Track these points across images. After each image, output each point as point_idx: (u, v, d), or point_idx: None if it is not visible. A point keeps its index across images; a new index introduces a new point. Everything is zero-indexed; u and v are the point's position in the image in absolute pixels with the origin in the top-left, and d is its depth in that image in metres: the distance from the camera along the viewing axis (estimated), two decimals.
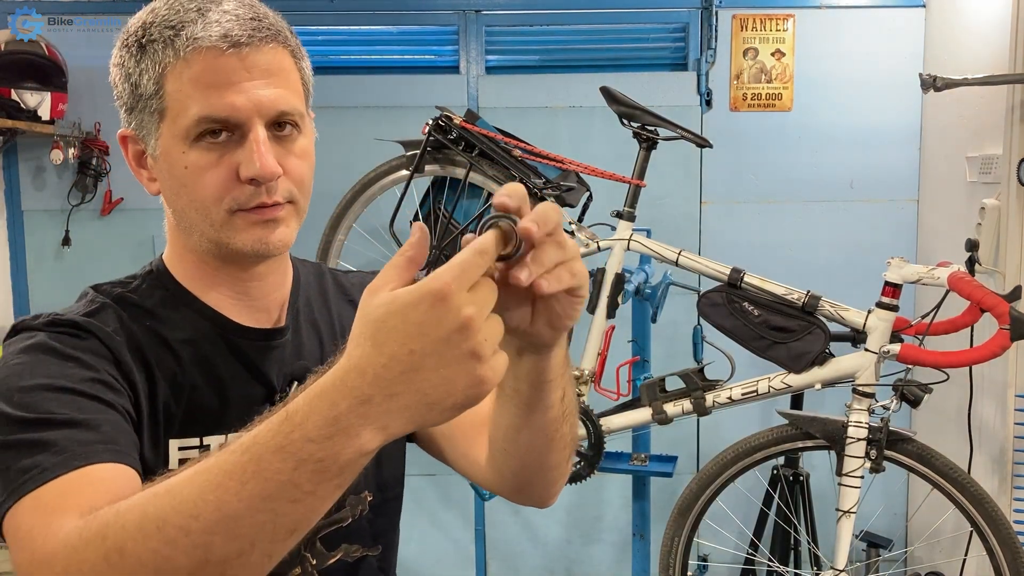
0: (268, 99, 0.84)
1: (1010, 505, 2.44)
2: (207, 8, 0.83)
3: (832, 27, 3.05)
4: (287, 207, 0.88)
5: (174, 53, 0.84)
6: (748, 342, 2.11)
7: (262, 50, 0.84)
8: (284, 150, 0.87)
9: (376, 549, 0.98)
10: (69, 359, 0.79)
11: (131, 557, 0.60)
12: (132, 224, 3.12)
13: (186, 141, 0.84)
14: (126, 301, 0.89)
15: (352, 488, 0.77)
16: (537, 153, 2.33)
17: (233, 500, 0.59)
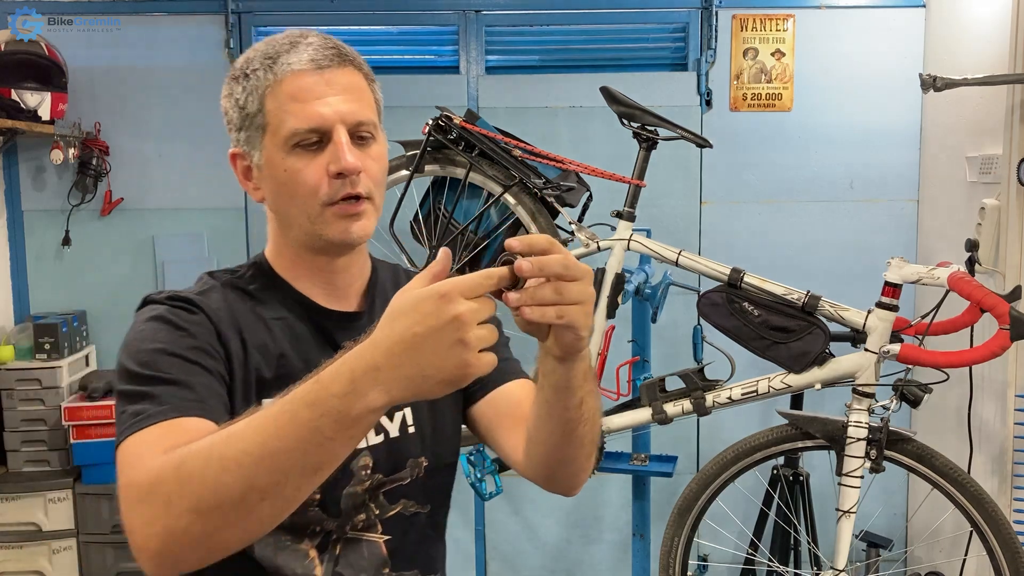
0: (348, 110, 1.02)
1: (1010, 505, 2.44)
2: (297, 42, 1.03)
3: (832, 27, 3.05)
4: (366, 203, 1.04)
5: (272, 76, 1.02)
6: (748, 342, 2.11)
7: (341, 72, 1.03)
8: (363, 153, 1.03)
9: (426, 507, 1.13)
10: (180, 329, 0.98)
11: (196, 480, 0.79)
12: (132, 224, 3.12)
13: (284, 149, 1.02)
14: (232, 285, 1.08)
15: (411, 453, 1.08)
16: (537, 153, 2.33)
17: (274, 441, 0.78)
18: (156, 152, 3.11)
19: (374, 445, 1.08)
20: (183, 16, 3.08)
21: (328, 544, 1.05)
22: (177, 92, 3.09)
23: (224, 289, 1.07)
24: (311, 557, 1.03)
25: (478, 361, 0.78)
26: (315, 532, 1.04)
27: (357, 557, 1.06)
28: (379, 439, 1.09)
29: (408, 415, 1.12)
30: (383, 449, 1.09)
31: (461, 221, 2.37)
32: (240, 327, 1.04)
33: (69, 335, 2.95)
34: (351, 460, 1.06)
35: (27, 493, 2.80)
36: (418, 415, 1.13)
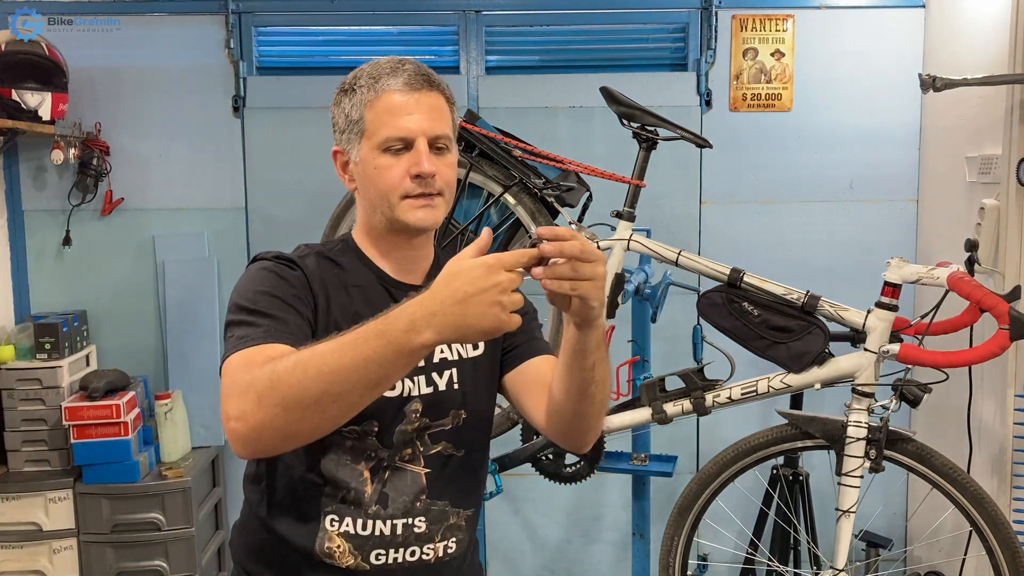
0: (429, 126, 1.28)
1: (1009, 505, 2.44)
2: (396, 68, 1.29)
3: (832, 27, 3.05)
4: (438, 198, 1.30)
5: (374, 93, 1.28)
6: (748, 342, 2.11)
7: (428, 95, 1.29)
8: (438, 160, 1.29)
9: (461, 451, 1.35)
10: (282, 279, 1.25)
11: (284, 383, 1.04)
12: (132, 224, 3.12)
13: (378, 150, 1.28)
14: (323, 255, 1.34)
15: (453, 405, 1.33)
16: (537, 153, 2.33)
17: (348, 357, 1.02)
18: (156, 152, 3.11)
19: (425, 394, 1.31)
20: (183, 16, 3.08)
21: (379, 469, 1.29)
22: (177, 92, 3.09)
23: (318, 257, 1.33)
24: (365, 476, 1.28)
25: (509, 319, 1.02)
26: (370, 457, 1.28)
27: (401, 482, 1.30)
28: (429, 390, 1.32)
29: (455, 374, 1.35)
30: (431, 399, 1.32)
31: (461, 221, 2.37)
32: (327, 287, 1.29)
33: (69, 335, 2.95)
34: (405, 403, 1.29)
35: (27, 493, 2.80)
36: (462, 375, 1.35)
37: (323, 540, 1.28)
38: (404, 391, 1.29)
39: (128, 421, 2.80)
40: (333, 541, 1.28)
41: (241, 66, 3.07)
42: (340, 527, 1.28)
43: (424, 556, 1.32)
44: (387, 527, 1.29)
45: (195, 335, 3.10)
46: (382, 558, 1.29)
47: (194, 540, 2.87)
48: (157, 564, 2.85)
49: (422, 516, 1.31)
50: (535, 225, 2.28)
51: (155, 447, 2.99)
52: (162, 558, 2.85)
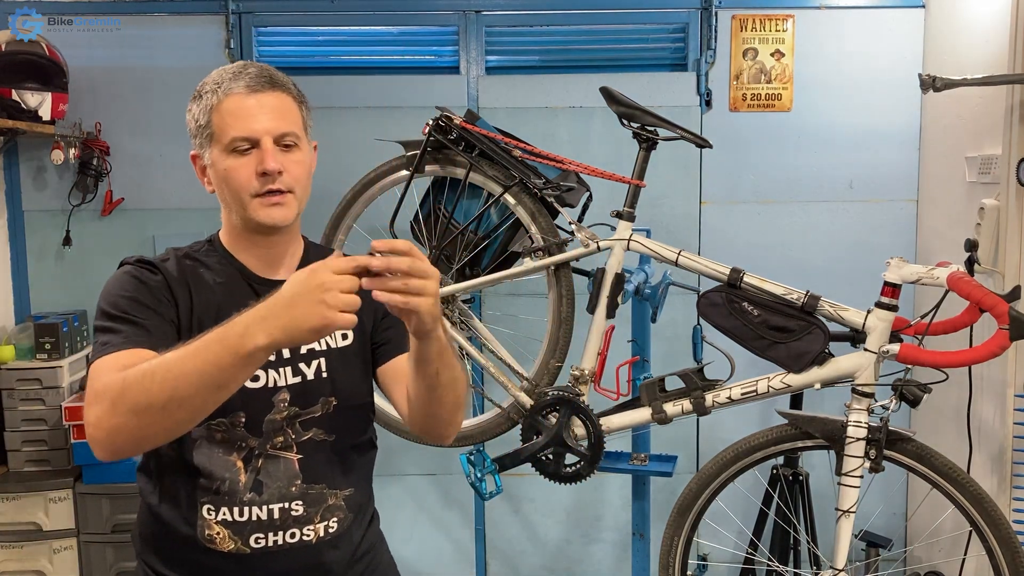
0: (274, 125, 1.33)
1: (1009, 504, 2.44)
2: (239, 72, 1.36)
3: (832, 27, 3.05)
4: (288, 195, 1.36)
5: (217, 98, 1.34)
6: (748, 342, 2.11)
7: (271, 95, 1.35)
8: (286, 158, 1.35)
9: (332, 437, 1.41)
10: (143, 283, 1.32)
11: (134, 389, 1.12)
12: (132, 224, 3.12)
13: (226, 152, 1.33)
14: (188, 255, 1.41)
15: (323, 393, 1.39)
16: (537, 153, 2.33)
17: (191, 364, 1.11)
18: (156, 152, 3.11)
19: (292, 384, 1.37)
20: (183, 16, 3.08)
21: (252, 457, 1.35)
22: (177, 92, 3.06)
23: (180, 259, 1.40)
24: (238, 466, 1.34)
25: (337, 318, 1.08)
26: (241, 447, 1.34)
27: (275, 469, 1.36)
28: (297, 380, 1.38)
29: (323, 363, 1.40)
30: (299, 388, 1.38)
31: (461, 221, 2.37)
32: (189, 287, 1.35)
33: (69, 335, 2.95)
34: (272, 394, 1.36)
35: (28, 493, 2.81)
36: (331, 364, 1.41)
37: (203, 528, 1.35)
38: (269, 382, 1.35)
39: None
40: (212, 528, 1.34)
41: None
42: (217, 516, 1.34)
43: (305, 537, 1.37)
44: (263, 512, 1.34)
45: None
46: (262, 541, 1.35)
47: None
48: None
49: (299, 500, 1.37)
50: (535, 225, 2.29)
51: None
52: None
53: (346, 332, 1.43)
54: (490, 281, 2.35)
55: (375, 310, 1.43)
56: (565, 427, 2.22)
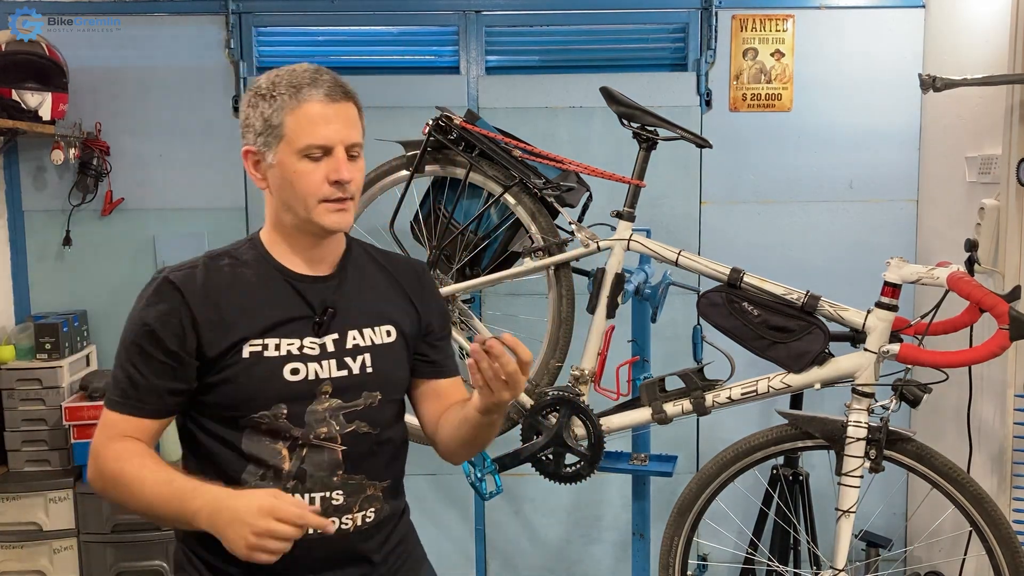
0: (346, 135, 1.40)
1: (1009, 504, 2.44)
2: (316, 78, 1.39)
3: (832, 27, 3.05)
4: (350, 202, 1.42)
5: (296, 102, 1.37)
6: (748, 342, 2.11)
7: (344, 105, 1.41)
8: (352, 166, 1.41)
9: (376, 430, 1.45)
10: (153, 332, 1.39)
11: (110, 487, 1.36)
12: (133, 224, 3.12)
13: (297, 156, 1.37)
14: (225, 256, 1.46)
15: (367, 387, 1.44)
16: (537, 153, 2.33)
17: (150, 496, 1.32)
18: (156, 152, 3.11)
19: (336, 377, 1.41)
20: (183, 16, 3.08)
21: (296, 447, 1.39)
22: (177, 92, 3.09)
23: (211, 264, 1.43)
24: (283, 454, 1.39)
25: (250, 555, 1.21)
26: (286, 437, 1.39)
27: (319, 459, 1.40)
28: (342, 373, 1.42)
29: (367, 359, 1.45)
30: (343, 381, 1.42)
31: (461, 221, 2.37)
32: (217, 296, 1.39)
33: (70, 335, 2.95)
34: (314, 386, 1.39)
35: (28, 493, 2.81)
36: (376, 359, 1.45)
37: None
38: (310, 374, 1.39)
39: None
40: None
41: (241, 66, 3.07)
42: None
43: (343, 526, 1.42)
44: (305, 500, 1.38)
45: None
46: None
47: None
48: (157, 564, 2.85)
49: (339, 490, 1.42)
50: (535, 225, 2.29)
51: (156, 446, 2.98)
52: (162, 558, 2.85)
53: (390, 328, 1.48)
54: (490, 281, 2.35)
55: (420, 317, 1.53)
56: (565, 427, 2.22)
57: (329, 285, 1.46)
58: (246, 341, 1.37)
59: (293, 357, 1.38)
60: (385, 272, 1.55)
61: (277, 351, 1.38)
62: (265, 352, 1.37)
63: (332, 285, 1.46)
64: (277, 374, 1.37)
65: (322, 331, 1.42)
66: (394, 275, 1.54)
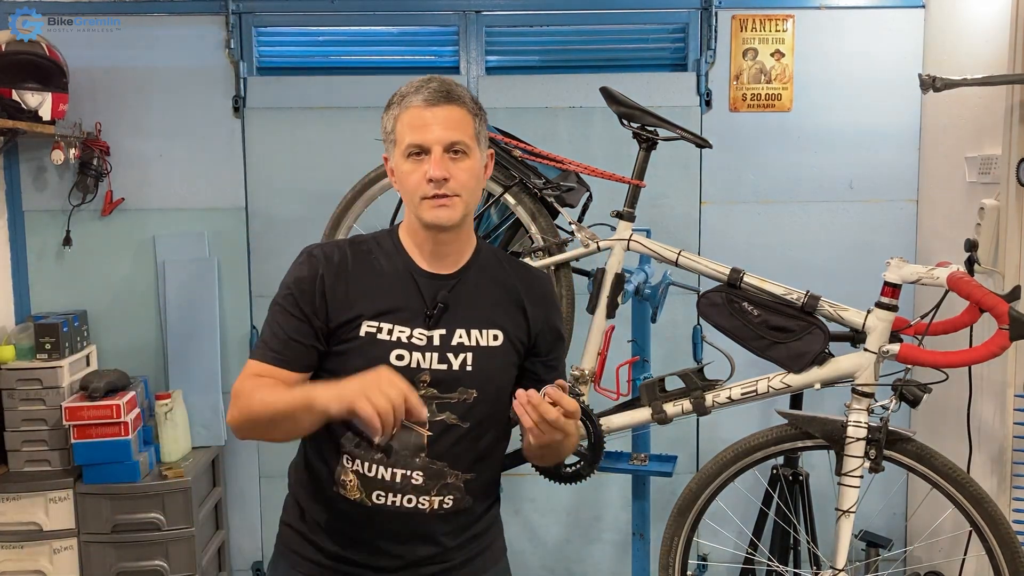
0: (444, 135, 1.49)
1: (1009, 504, 2.44)
2: (421, 86, 1.52)
3: (832, 27, 3.06)
4: (454, 199, 1.50)
5: (400, 109, 1.52)
6: (748, 342, 2.11)
7: (445, 108, 1.50)
8: (454, 165, 1.50)
9: (466, 424, 1.53)
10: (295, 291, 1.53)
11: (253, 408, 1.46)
12: (133, 224, 3.12)
13: (403, 157, 1.51)
14: (367, 242, 1.60)
15: (464, 383, 1.53)
16: (537, 153, 2.33)
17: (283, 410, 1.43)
18: (156, 152, 3.11)
19: (435, 369, 1.51)
20: (183, 16, 3.08)
21: None
22: (178, 92, 3.09)
23: (351, 248, 1.58)
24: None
25: (363, 404, 1.31)
26: None
27: (406, 438, 1.51)
28: (442, 367, 1.51)
29: (469, 358, 1.53)
30: (442, 374, 1.52)
31: None
32: (347, 277, 1.54)
33: (70, 335, 2.95)
34: (415, 373, 1.50)
35: (28, 493, 2.81)
36: (477, 361, 1.54)
37: (340, 473, 1.53)
38: (412, 362, 1.50)
39: (128, 421, 2.81)
40: (347, 475, 1.53)
41: (241, 66, 3.07)
42: (353, 465, 1.52)
43: (420, 505, 1.52)
44: (388, 474, 1.50)
45: (195, 335, 3.10)
46: (382, 499, 1.51)
47: (194, 540, 2.87)
48: (157, 564, 2.85)
49: (420, 471, 1.51)
50: (535, 225, 2.29)
51: (155, 447, 2.99)
52: (162, 558, 2.85)
53: (497, 333, 1.56)
54: None
55: (532, 328, 1.61)
56: None
57: (447, 283, 1.56)
58: (363, 320, 1.51)
59: (401, 344, 1.50)
60: (508, 279, 1.63)
61: (389, 335, 1.50)
62: (379, 335, 1.50)
63: (450, 283, 1.57)
64: (384, 356, 1.49)
65: (432, 324, 1.52)
66: (517, 284, 1.62)
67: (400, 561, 1.55)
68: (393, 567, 1.55)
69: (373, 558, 1.54)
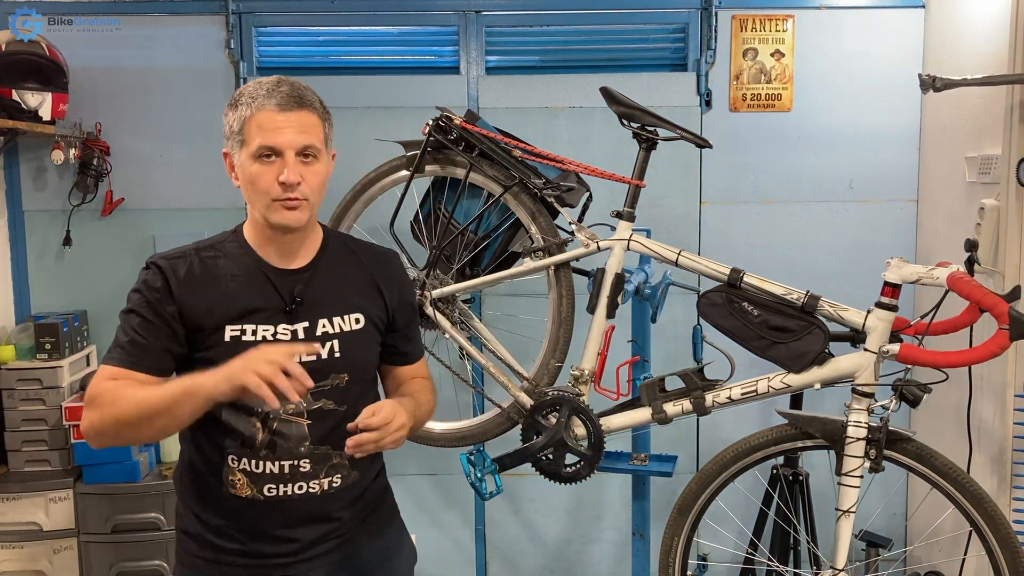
0: (296, 139, 1.54)
1: (1009, 504, 2.44)
2: (273, 90, 1.55)
3: (832, 27, 3.06)
4: (303, 202, 1.56)
5: (251, 110, 1.55)
6: (748, 342, 2.11)
7: (298, 113, 1.55)
8: (305, 169, 1.56)
9: (343, 407, 1.60)
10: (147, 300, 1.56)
11: (119, 408, 1.47)
12: (133, 224, 3.12)
13: (252, 159, 1.55)
14: (212, 247, 1.63)
15: (335, 370, 1.60)
16: (537, 153, 2.33)
17: (156, 406, 1.45)
18: (156, 152, 3.11)
19: (305, 361, 1.54)
20: (183, 16, 3.08)
21: (268, 420, 1.57)
22: (178, 92, 3.09)
23: (196, 255, 1.61)
24: (256, 426, 1.57)
25: (252, 381, 1.36)
26: (257, 411, 1.57)
27: (288, 431, 1.58)
28: (311, 358, 1.56)
29: (336, 345, 1.60)
30: (313, 364, 1.56)
31: (461, 221, 2.37)
32: (195, 285, 1.56)
33: (70, 335, 2.95)
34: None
35: (28, 493, 2.81)
36: (344, 347, 1.61)
37: (227, 474, 1.59)
38: None
39: None
40: (235, 475, 1.59)
41: (241, 66, 3.07)
42: (239, 464, 1.58)
43: (311, 490, 1.60)
44: (276, 467, 1.58)
45: None
46: (273, 491, 1.58)
47: None
48: (157, 564, 2.85)
49: (307, 458, 1.59)
50: (535, 225, 2.29)
51: (155, 447, 2.99)
52: (162, 558, 2.85)
53: (359, 316, 1.64)
54: (490, 281, 2.36)
55: (389, 304, 1.69)
56: (565, 427, 2.22)
57: (301, 277, 1.62)
58: (225, 325, 1.55)
59: (267, 342, 1.54)
60: (358, 262, 1.70)
61: (254, 336, 1.55)
62: (243, 337, 1.55)
63: (304, 277, 1.62)
64: None
65: (293, 319, 1.58)
66: (366, 265, 1.70)
67: (301, 543, 1.61)
68: (294, 551, 1.61)
69: (274, 546, 1.60)
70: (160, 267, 1.59)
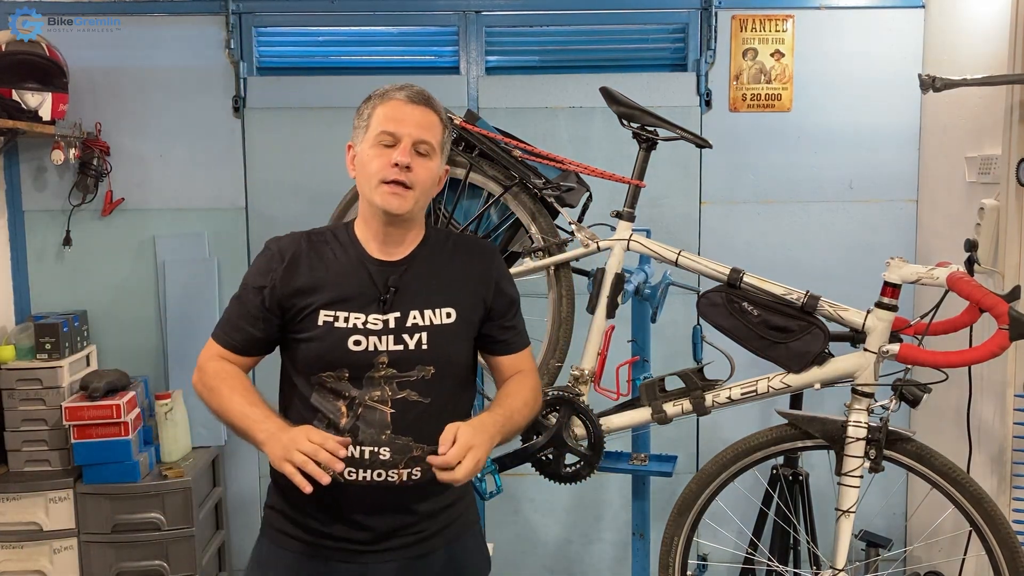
0: (415, 132, 1.61)
1: (1009, 504, 2.44)
2: (404, 87, 1.64)
3: (832, 27, 3.06)
4: (408, 191, 1.61)
5: (381, 101, 1.64)
6: (747, 342, 2.11)
7: (421, 109, 1.63)
8: (418, 161, 1.62)
9: (427, 399, 1.63)
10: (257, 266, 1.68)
11: (203, 395, 1.67)
12: (133, 224, 3.12)
13: (371, 143, 1.62)
14: (320, 234, 1.71)
15: (421, 361, 1.62)
16: (537, 153, 2.33)
17: (230, 414, 1.62)
18: (156, 152, 3.11)
19: (392, 350, 1.60)
20: (183, 16, 3.08)
21: (353, 405, 1.61)
22: (178, 92, 3.10)
23: (304, 238, 1.69)
24: (342, 410, 1.61)
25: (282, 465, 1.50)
26: (344, 396, 1.61)
27: (371, 417, 1.61)
28: (398, 347, 1.61)
29: (424, 337, 1.62)
30: (399, 355, 1.61)
31: (461, 221, 2.37)
32: (298, 262, 1.65)
33: (70, 335, 2.95)
34: (372, 356, 1.60)
35: (28, 493, 2.81)
36: (432, 339, 1.63)
37: None
38: (370, 346, 1.60)
39: (128, 421, 2.81)
40: None
41: (241, 66, 3.07)
42: None
43: (390, 479, 1.61)
44: (356, 452, 1.60)
45: (195, 335, 3.09)
46: (353, 475, 1.60)
47: (194, 540, 2.87)
48: (157, 564, 2.85)
49: (387, 447, 1.60)
50: (535, 225, 2.29)
51: (155, 447, 2.99)
52: (162, 558, 2.85)
53: (450, 311, 1.65)
54: None
55: (485, 298, 1.70)
56: (565, 427, 2.22)
57: (398, 268, 1.66)
58: (320, 309, 1.61)
59: (357, 330, 1.59)
60: (456, 257, 1.73)
61: (345, 323, 1.60)
62: (336, 323, 1.60)
63: (400, 268, 1.66)
64: (342, 343, 1.59)
65: (386, 309, 1.61)
66: (465, 259, 1.72)
67: (376, 533, 1.63)
68: (370, 539, 1.63)
69: (351, 531, 1.63)
70: (270, 248, 1.68)
